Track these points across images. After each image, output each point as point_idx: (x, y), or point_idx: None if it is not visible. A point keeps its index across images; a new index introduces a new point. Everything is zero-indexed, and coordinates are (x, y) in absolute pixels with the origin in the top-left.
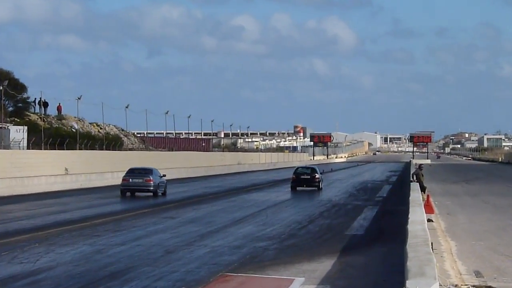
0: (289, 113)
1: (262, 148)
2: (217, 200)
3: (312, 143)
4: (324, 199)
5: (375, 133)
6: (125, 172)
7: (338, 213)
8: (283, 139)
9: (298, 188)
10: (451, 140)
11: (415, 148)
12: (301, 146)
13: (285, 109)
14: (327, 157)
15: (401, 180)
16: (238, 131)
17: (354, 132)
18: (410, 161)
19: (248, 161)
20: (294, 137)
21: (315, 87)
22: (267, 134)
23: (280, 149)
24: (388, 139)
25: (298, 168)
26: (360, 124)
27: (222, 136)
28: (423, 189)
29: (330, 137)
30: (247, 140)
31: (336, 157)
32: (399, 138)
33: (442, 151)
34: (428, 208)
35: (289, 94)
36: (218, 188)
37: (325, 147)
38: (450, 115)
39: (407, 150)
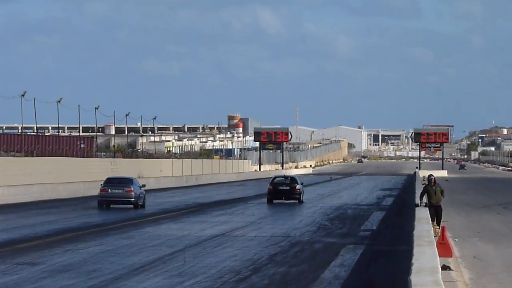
0: (221, 96)
1: (177, 152)
2: (104, 236)
3: (257, 144)
4: (277, 234)
5: (359, 128)
6: (103, 182)
7: (300, 256)
8: (211, 138)
9: (259, 209)
10: (480, 140)
11: (423, 152)
12: (241, 149)
13: (214, 89)
14: (282, 166)
15: (401, 203)
16: (139, 125)
17: (325, 127)
18: (416, 172)
19: (155, 173)
20: (229, 135)
21: (261, 53)
22: (185, 130)
23: (206, 153)
24: (380, 137)
25: (275, 177)
26: (335, 115)
27: (113, 132)
28: (437, 217)
29: (287, 135)
30: (152, 139)
31: (296, 167)
32: (398, 137)
33: (466, 157)
34: (444, 249)
35: (221, 65)
36: (105, 216)
37: (279, 151)
38: (478, 99)
39: (410, 156)
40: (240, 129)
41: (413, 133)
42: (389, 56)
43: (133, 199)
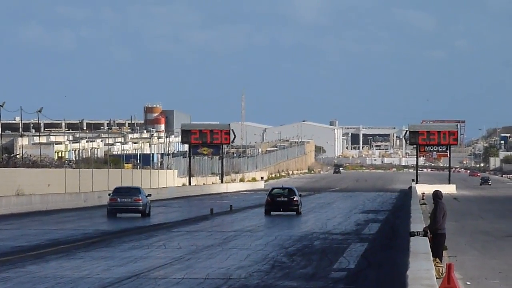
0: (134, 79)
1: (72, 159)
2: None
3: (186, 147)
4: (214, 275)
5: (331, 125)
6: (112, 191)
7: None
8: (120, 139)
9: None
10: (502, 142)
11: (421, 159)
12: (162, 155)
13: (123, 69)
14: (222, 179)
15: (390, 231)
16: (17, 120)
17: (283, 123)
18: (411, 187)
19: (40, 189)
20: (146, 134)
21: (188, 18)
22: (84, 128)
23: (113, 160)
24: (361, 138)
25: (273, 189)
26: (296, 106)
27: None
28: (438, 252)
29: (229, 134)
30: (37, 140)
31: (241, 180)
32: (386, 137)
33: (482, 165)
34: None
35: (131, 34)
36: None
37: (217, 157)
38: (499, 84)
39: (403, 164)
40: (162, 126)
41: (408, 132)
42: (372, 22)
43: (141, 207)
